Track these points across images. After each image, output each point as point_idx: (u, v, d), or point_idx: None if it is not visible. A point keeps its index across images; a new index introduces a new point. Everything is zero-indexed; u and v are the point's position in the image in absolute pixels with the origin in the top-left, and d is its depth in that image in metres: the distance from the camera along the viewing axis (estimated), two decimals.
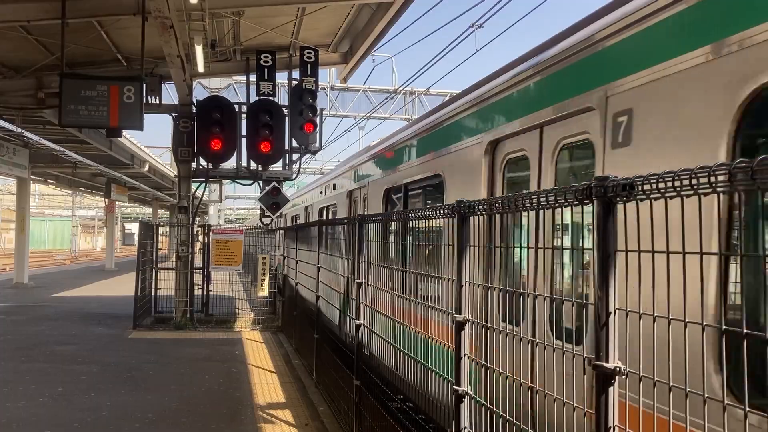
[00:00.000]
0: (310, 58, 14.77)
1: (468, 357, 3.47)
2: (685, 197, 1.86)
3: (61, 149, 20.22)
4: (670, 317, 2.00)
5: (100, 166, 24.57)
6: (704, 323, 1.84)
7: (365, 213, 9.80)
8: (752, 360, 1.73)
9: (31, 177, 25.85)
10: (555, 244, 3.63)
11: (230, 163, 15.89)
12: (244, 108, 15.21)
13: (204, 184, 16.20)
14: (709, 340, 2.51)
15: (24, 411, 7.76)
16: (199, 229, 16.38)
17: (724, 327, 1.80)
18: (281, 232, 15.84)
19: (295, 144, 15.32)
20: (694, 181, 1.80)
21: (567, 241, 3.66)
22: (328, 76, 28.54)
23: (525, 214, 3.15)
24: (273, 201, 15.35)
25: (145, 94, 13.15)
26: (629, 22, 3.63)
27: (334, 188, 12.78)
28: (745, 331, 1.72)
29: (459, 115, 6.28)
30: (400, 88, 27.49)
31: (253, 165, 15.33)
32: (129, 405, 8.12)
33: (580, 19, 4.45)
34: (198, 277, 15.59)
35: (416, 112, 29.29)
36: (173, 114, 15.21)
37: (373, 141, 11.82)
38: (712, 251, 2.82)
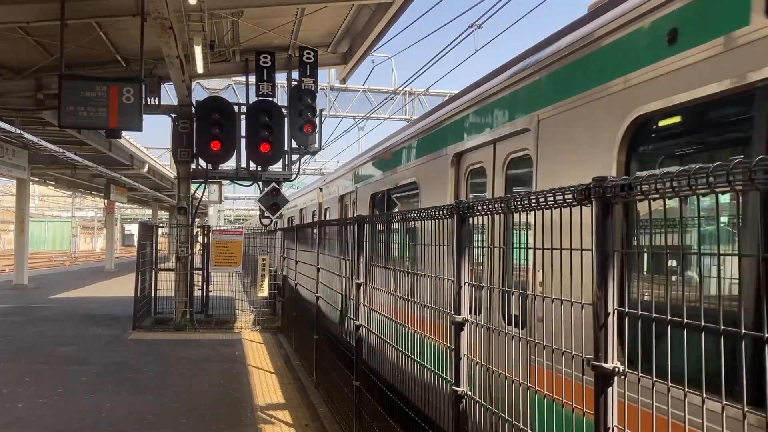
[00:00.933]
0: (310, 58, 14.78)
1: (467, 357, 3.47)
2: (683, 197, 1.86)
3: (61, 150, 20.22)
4: (669, 318, 1.99)
5: (99, 167, 24.57)
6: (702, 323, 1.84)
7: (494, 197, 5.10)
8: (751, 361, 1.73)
9: (31, 178, 25.86)
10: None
11: (230, 164, 15.89)
12: (244, 109, 15.22)
13: (203, 185, 16.19)
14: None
15: (24, 412, 7.75)
16: (199, 230, 16.38)
17: (722, 328, 1.80)
18: (281, 233, 15.81)
19: (294, 145, 15.33)
20: (692, 182, 1.80)
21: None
22: (327, 76, 28.54)
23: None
24: (273, 202, 15.34)
25: (144, 95, 13.15)
26: None
27: (409, 157, 7.84)
28: (743, 331, 1.72)
29: None
30: (400, 89, 27.48)
31: (252, 166, 15.33)
32: (129, 406, 8.11)
33: None
34: (198, 278, 15.59)
35: (416, 112, 29.27)
36: (172, 115, 15.21)
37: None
38: (711, 251, 2.81)
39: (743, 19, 2.88)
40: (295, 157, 15.75)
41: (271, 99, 15.03)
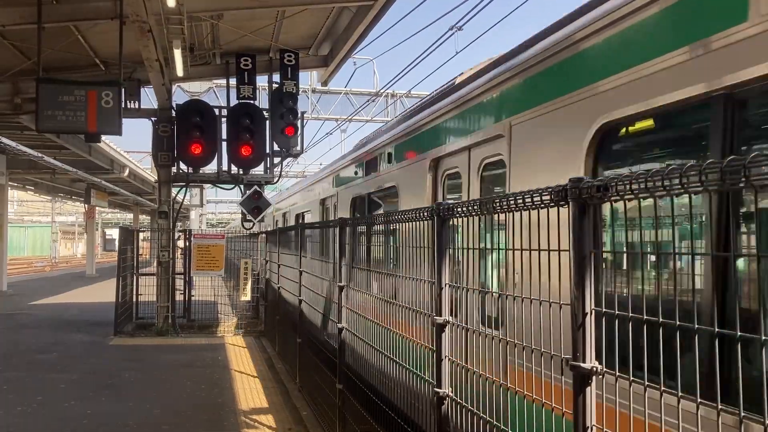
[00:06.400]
0: (291, 61, 14.73)
1: (448, 359, 3.48)
2: (658, 198, 1.87)
3: (39, 155, 19.98)
4: (645, 317, 2.01)
5: (79, 172, 24.32)
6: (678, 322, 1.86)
7: None
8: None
9: (9, 183, 25.51)
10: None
11: (211, 167, 15.80)
12: (225, 112, 15.14)
13: (184, 189, 16.08)
14: None
15: (2, 421, 7.64)
16: (180, 234, 16.25)
17: (717, 330, 1.82)
18: (263, 236, 15.74)
19: (276, 147, 15.27)
20: (666, 182, 1.81)
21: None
22: (309, 78, 28.48)
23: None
24: (255, 205, 15.27)
25: (123, 99, 13.01)
26: None
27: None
28: (716, 330, 1.74)
29: None
30: (382, 91, 27.48)
31: (234, 169, 15.26)
32: (110, 413, 8.03)
33: None
34: (180, 283, 15.47)
35: (398, 114, 29.26)
36: (153, 118, 15.10)
37: None
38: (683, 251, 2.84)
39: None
40: (277, 159, 15.70)
41: (252, 102, 14.98)
